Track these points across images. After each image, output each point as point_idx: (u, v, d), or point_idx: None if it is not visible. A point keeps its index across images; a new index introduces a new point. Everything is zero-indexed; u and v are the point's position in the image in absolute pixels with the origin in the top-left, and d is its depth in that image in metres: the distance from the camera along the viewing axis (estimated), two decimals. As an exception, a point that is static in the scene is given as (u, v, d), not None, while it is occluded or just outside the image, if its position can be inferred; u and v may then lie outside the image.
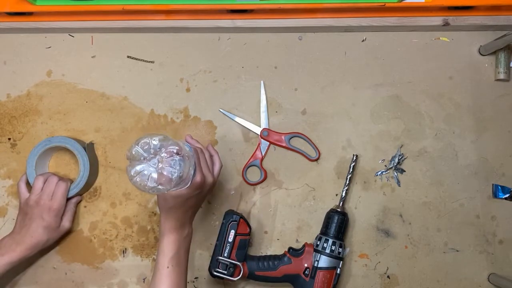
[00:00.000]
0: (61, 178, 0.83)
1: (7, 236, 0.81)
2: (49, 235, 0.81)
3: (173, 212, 0.70)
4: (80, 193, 0.85)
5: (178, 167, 0.62)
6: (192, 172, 0.66)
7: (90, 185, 0.87)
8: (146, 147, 0.63)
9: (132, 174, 0.62)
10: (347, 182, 0.85)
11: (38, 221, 0.80)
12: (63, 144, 0.84)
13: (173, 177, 0.62)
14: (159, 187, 0.62)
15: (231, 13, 0.86)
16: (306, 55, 0.89)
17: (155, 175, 0.62)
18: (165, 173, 0.62)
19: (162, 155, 0.62)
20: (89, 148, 0.86)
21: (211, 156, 0.74)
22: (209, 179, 0.71)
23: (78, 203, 0.87)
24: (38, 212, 0.80)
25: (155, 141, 0.63)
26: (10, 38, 0.90)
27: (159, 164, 0.62)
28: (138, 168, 0.62)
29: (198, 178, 0.68)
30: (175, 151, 0.63)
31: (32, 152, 0.84)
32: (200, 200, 0.73)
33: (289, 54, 0.89)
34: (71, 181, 0.84)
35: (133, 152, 0.62)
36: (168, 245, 0.71)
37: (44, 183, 0.82)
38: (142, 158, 0.63)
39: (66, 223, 0.83)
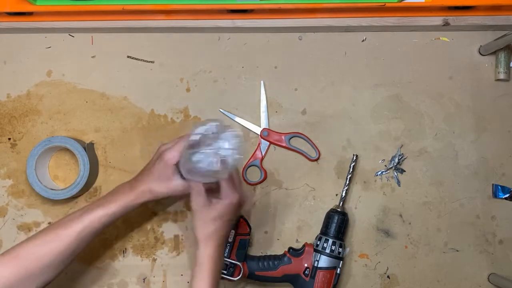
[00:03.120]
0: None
1: (126, 181, 0.75)
2: (157, 184, 0.71)
3: (213, 238, 0.67)
4: (80, 193, 0.85)
5: (240, 150, 0.62)
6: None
7: (90, 185, 0.87)
8: (207, 132, 0.62)
9: (196, 159, 0.61)
10: (347, 182, 0.85)
11: (150, 168, 0.72)
12: (63, 144, 0.84)
13: (236, 159, 0.61)
14: (220, 170, 0.61)
15: (231, 13, 0.86)
16: (306, 55, 0.89)
17: (218, 159, 0.61)
18: (230, 156, 0.61)
19: (225, 137, 0.61)
20: (89, 148, 0.86)
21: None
22: (243, 199, 0.70)
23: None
24: (153, 159, 0.73)
25: (213, 126, 0.62)
26: (10, 38, 0.90)
27: (223, 147, 0.61)
28: (202, 152, 0.61)
29: (236, 198, 0.67)
30: (236, 133, 0.62)
31: (32, 152, 0.84)
32: (233, 224, 0.71)
33: (289, 54, 0.89)
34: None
35: (197, 137, 0.61)
36: (207, 275, 0.67)
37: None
38: (205, 143, 0.62)
39: (179, 185, 0.70)
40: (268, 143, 0.87)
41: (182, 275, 0.86)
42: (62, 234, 0.68)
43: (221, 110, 0.88)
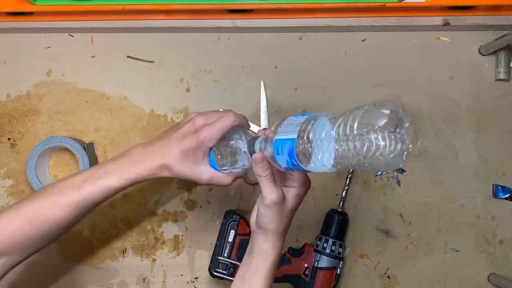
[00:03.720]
0: (241, 118, 0.64)
1: (140, 144, 0.64)
2: (180, 163, 0.60)
3: (286, 231, 0.61)
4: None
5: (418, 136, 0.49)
6: None
7: (90, 185, 0.87)
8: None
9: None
10: (347, 182, 0.85)
11: (178, 140, 0.61)
12: (63, 144, 0.84)
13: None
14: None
15: (231, 13, 0.86)
16: (306, 55, 0.89)
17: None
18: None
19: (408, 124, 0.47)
20: (89, 148, 0.86)
21: None
22: None
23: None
24: (184, 130, 0.62)
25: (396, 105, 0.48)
26: (10, 38, 0.90)
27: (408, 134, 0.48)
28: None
29: (310, 183, 0.59)
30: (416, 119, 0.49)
31: (32, 152, 0.84)
32: None
33: (289, 54, 0.89)
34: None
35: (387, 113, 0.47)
36: (273, 270, 0.61)
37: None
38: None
39: (205, 172, 0.62)
40: (268, 143, 0.87)
41: (182, 275, 0.86)
42: (59, 203, 0.61)
43: (221, 110, 0.88)
